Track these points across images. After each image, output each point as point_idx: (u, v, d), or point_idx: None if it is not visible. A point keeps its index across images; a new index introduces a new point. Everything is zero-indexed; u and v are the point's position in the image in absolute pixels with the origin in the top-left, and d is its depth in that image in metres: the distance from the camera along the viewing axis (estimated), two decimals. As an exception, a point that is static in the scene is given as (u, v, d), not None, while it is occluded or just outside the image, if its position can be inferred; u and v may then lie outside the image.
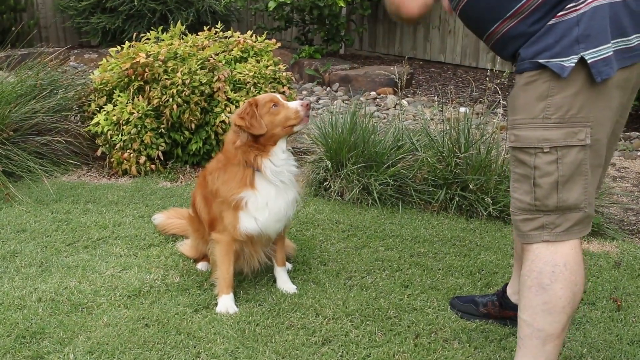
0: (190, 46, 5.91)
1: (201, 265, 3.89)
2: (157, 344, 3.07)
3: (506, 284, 3.34)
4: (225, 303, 3.42)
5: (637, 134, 7.73)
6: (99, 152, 5.83)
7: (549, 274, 2.39)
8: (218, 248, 3.48)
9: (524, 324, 2.49)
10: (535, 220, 2.41)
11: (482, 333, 3.25)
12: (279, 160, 3.40)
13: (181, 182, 5.61)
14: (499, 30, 2.40)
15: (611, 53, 2.23)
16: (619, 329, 3.33)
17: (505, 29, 2.37)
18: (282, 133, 3.39)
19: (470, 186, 4.79)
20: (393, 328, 3.27)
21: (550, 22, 2.25)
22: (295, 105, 3.38)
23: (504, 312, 3.29)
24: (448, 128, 5.17)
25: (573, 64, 2.21)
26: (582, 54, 2.20)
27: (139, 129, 5.56)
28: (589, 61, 2.20)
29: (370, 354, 3.02)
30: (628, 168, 6.64)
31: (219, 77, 5.73)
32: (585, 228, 2.45)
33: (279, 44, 6.52)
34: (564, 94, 2.26)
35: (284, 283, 3.67)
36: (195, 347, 3.05)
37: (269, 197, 3.41)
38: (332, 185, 5.08)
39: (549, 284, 2.39)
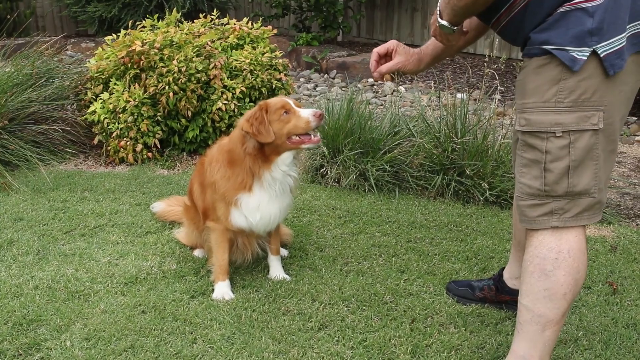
0: (186, 34, 5.90)
1: (198, 252, 3.90)
2: (154, 330, 3.08)
3: (503, 268, 3.34)
4: (221, 289, 3.43)
5: (635, 118, 7.72)
6: (95, 141, 5.83)
7: (552, 260, 2.38)
8: (213, 236, 3.49)
9: (524, 309, 2.48)
10: (544, 205, 2.38)
11: (478, 317, 3.26)
12: (279, 172, 3.33)
13: (178, 170, 5.61)
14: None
15: (624, 43, 2.19)
16: (614, 313, 3.34)
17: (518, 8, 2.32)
18: (289, 146, 3.28)
19: (467, 172, 4.79)
20: (389, 313, 3.28)
21: (562, 10, 2.19)
22: (307, 114, 3.24)
23: (500, 296, 3.30)
24: (445, 114, 5.17)
25: (585, 57, 2.17)
26: (594, 47, 2.16)
27: (136, 117, 5.55)
28: (601, 55, 2.17)
29: (366, 338, 3.03)
30: (625, 153, 6.64)
31: (215, 64, 5.72)
32: (595, 215, 2.42)
33: (275, 31, 6.50)
34: (577, 77, 2.21)
35: (277, 271, 3.66)
36: (191, 333, 3.06)
37: (262, 201, 3.37)
38: (328, 172, 5.09)
39: (552, 270, 2.38)
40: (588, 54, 2.16)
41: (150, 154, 5.72)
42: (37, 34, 8.50)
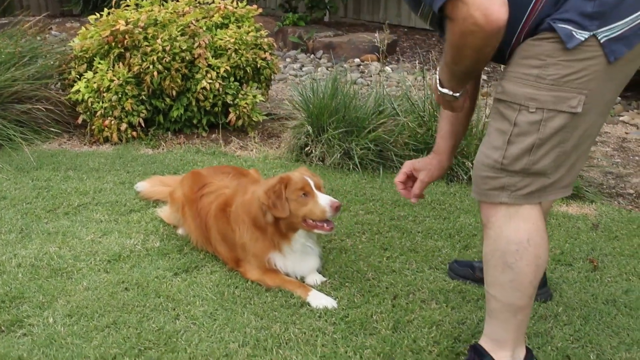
0: (171, 12, 5.87)
1: (182, 231, 3.90)
2: (137, 306, 3.09)
3: None
4: (319, 300, 3.17)
5: (619, 99, 7.76)
6: (79, 120, 5.81)
7: (513, 252, 2.32)
8: (270, 279, 3.35)
9: (493, 299, 2.46)
10: (496, 179, 2.30)
11: (459, 294, 3.28)
12: (298, 245, 3.34)
13: (163, 149, 5.60)
14: None
15: (627, 29, 2.08)
16: (594, 289, 3.37)
17: None
18: (302, 227, 3.27)
19: (451, 151, 4.79)
20: (371, 290, 3.29)
21: None
22: (325, 203, 3.18)
23: None
24: (429, 93, 5.17)
25: (582, 39, 2.07)
26: (594, 32, 2.07)
27: (120, 96, 5.53)
28: (601, 40, 2.08)
29: (348, 314, 3.05)
30: (609, 133, 6.68)
31: (199, 43, 5.70)
32: (549, 194, 2.33)
33: (260, 10, 6.47)
34: (568, 57, 2.11)
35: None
36: (174, 309, 3.07)
37: (294, 260, 3.38)
38: (313, 151, 5.09)
39: (514, 262, 2.33)
40: (587, 36, 2.07)
41: (134, 133, 5.70)
42: (21, 13, 8.42)
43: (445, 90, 2.40)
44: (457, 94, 2.40)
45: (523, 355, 2.51)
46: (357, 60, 9.18)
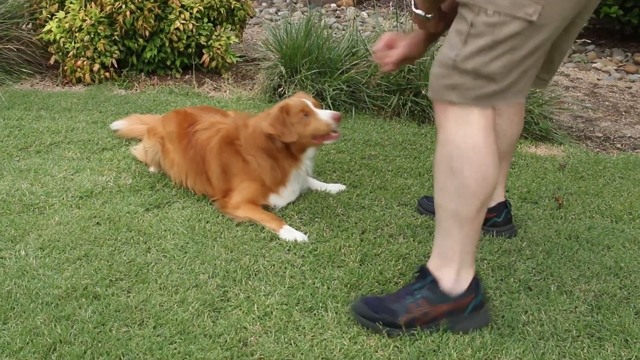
0: (143, -49, 5.79)
1: (154, 169, 3.92)
2: (108, 240, 3.12)
3: None
4: (289, 233, 3.25)
5: (593, 46, 7.81)
6: (52, 61, 5.76)
7: (457, 157, 2.34)
8: (247, 210, 3.41)
9: (439, 207, 2.46)
10: (448, 77, 2.31)
11: (426, 229, 3.34)
12: (305, 166, 3.55)
13: (136, 90, 5.58)
14: None
15: None
16: (558, 225, 3.45)
17: None
18: (312, 144, 3.48)
19: (423, 92, 4.84)
20: (340, 225, 3.35)
21: None
22: (326, 117, 3.39)
23: None
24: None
25: None
26: None
27: (92, 36, 5.48)
28: None
29: (317, 248, 3.11)
30: (581, 79, 6.75)
31: (172, -17, 5.65)
32: (497, 100, 2.34)
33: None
34: None
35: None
36: (145, 243, 3.11)
37: (294, 189, 3.59)
38: (286, 92, 5.10)
39: (459, 167, 2.34)
40: None
41: (107, 74, 5.67)
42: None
43: (418, 11, 2.53)
44: (429, 15, 2.54)
45: (470, 279, 2.51)
46: (333, 5, 9.13)
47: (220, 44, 5.76)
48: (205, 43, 5.76)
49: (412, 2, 2.54)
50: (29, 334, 2.42)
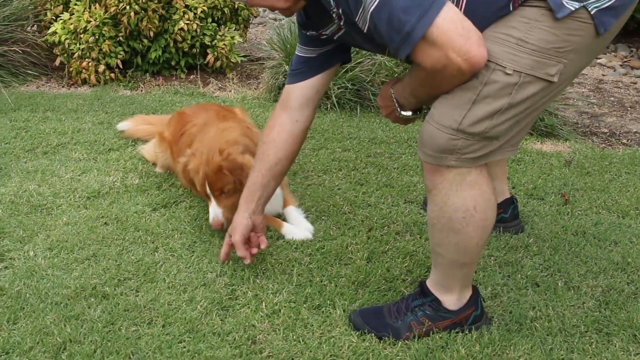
0: (147, -48, 5.80)
1: (160, 169, 3.93)
2: (116, 240, 3.14)
3: None
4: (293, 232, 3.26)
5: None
6: (57, 62, 5.78)
7: (459, 220, 2.21)
8: None
9: (439, 256, 2.38)
10: (450, 141, 2.09)
11: (433, 226, 3.35)
12: None
13: (141, 90, 5.60)
14: None
15: None
16: (565, 221, 3.45)
17: None
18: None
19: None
20: (347, 222, 3.36)
21: None
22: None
23: None
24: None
25: (573, 8, 1.92)
26: (584, 3, 1.93)
27: (97, 37, 5.50)
28: (592, 11, 1.94)
29: (324, 246, 3.11)
30: (587, 75, 6.74)
31: (176, -17, 5.66)
32: (496, 155, 2.18)
33: (237, -50, 6.40)
34: (555, 25, 1.96)
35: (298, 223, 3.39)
36: (153, 242, 3.12)
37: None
38: (291, 91, 5.09)
39: (461, 228, 2.23)
40: (577, 7, 1.92)
41: (112, 75, 5.69)
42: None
43: (407, 114, 2.34)
44: (418, 113, 2.37)
45: (469, 295, 2.48)
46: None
47: (224, 44, 5.77)
48: (209, 43, 5.78)
49: (397, 106, 2.32)
50: (39, 333, 2.44)
